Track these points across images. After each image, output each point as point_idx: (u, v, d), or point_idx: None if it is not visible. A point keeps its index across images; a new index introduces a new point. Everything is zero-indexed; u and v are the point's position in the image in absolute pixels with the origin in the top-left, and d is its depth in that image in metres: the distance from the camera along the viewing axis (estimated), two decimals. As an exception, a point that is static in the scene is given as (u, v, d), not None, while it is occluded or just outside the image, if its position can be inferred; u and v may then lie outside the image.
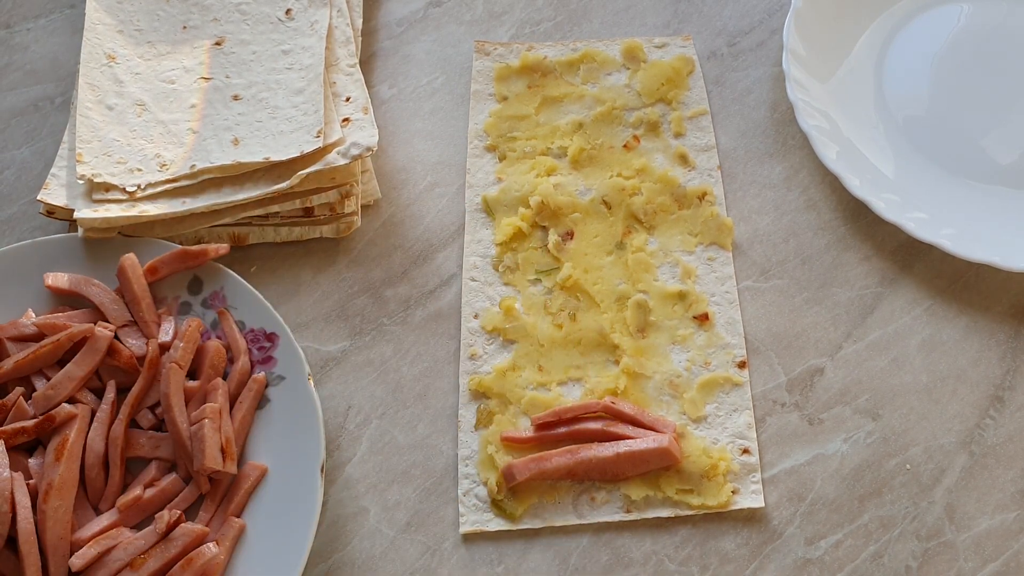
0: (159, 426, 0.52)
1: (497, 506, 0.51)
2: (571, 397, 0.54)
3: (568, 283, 0.57)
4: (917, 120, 0.62)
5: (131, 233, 0.57)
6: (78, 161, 0.57)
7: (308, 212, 0.58)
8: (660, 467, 0.51)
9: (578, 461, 0.51)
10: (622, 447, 0.51)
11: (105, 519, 0.50)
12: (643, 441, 0.51)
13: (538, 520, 0.51)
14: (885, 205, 0.56)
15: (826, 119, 0.60)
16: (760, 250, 0.59)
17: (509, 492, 0.51)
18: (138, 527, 0.50)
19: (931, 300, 0.57)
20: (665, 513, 0.51)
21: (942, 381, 0.54)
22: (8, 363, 0.52)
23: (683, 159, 0.61)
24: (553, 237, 0.58)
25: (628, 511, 0.51)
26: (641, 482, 0.51)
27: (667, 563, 0.50)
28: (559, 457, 0.51)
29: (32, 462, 0.50)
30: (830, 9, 0.64)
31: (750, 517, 0.51)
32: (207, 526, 0.50)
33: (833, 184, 0.60)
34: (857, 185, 0.57)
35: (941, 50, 0.65)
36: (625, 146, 0.62)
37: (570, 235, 0.59)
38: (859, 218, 0.59)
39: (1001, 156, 0.61)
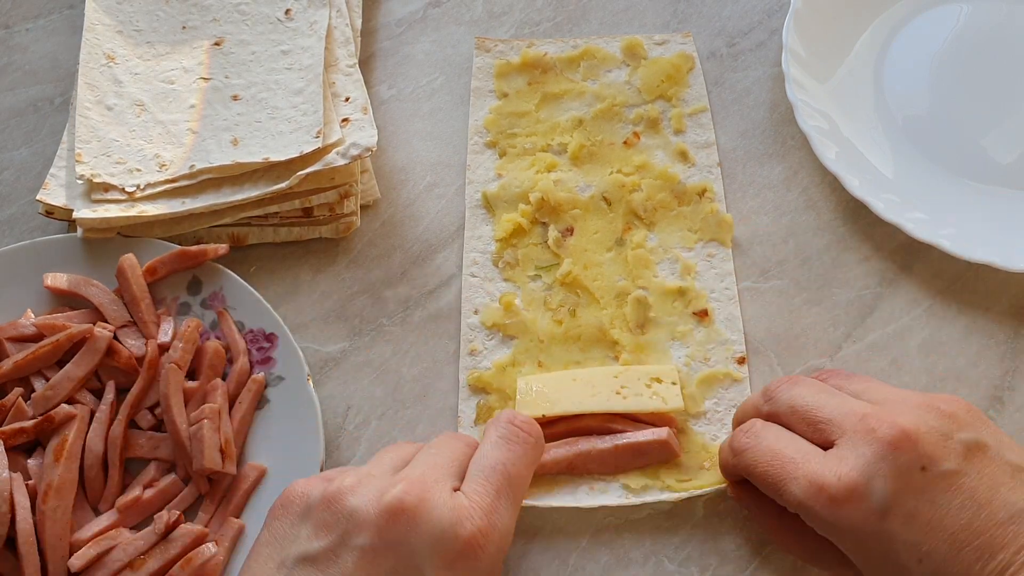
0: (158, 426, 0.52)
1: None
2: (570, 397, 0.54)
3: (568, 279, 0.57)
4: (917, 120, 0.62)
5: (130, 233, 0.57)
6: (77, 161, 0.57)
7: (307, 212, 0.58)
8: (659, 461, 0.51)
9: (577, 453, 0.51)
10: (621, 440, 0.51)
11: (104, 520, 0.50)
12: (642, 434, 0.51)
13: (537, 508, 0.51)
14: (884, 205, 0.56)
15: (826, 119, 0.60)
16: (759, 250, 0.59)
17: None
18: (137, 527, 0.50)
19: (931, 300, 0.57)
20: (665, 497, 0.50)
21: (941, 382, 0.54)
22: (7, 363, 0.52)
23: (683, 156, 0.61)
24: (553, 233, 0.58)
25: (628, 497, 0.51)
26: (640, 474, 0.51)
27: (667, 563, 0.50)
28: (557, 449, 0.51)
29: (31, 463, 0.51)
30: (830, 9, 0.64)
31: (750, 517, 0.51)
32: (206, 526, 0.50)
33: (832, 184, 0.60)
34: (856, 185, 0.57)
35: (941, 50, 0.65)
36: (625, 143, 0.62)
37: (570, 231, 0.59)
38: (858, 218, 0.59)
39: (1001, 156, 0.61)
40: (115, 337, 0.53)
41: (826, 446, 0.42)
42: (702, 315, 0.56)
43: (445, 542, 0.37)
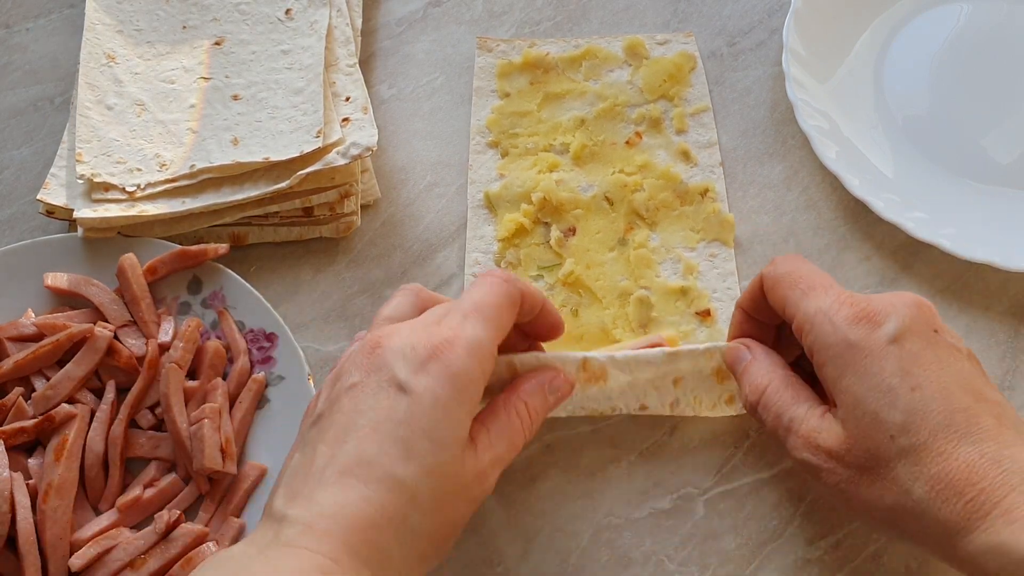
0: (159, 426, 0.52)
1: None
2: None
3: (570, 279, 0.57)
4: (917, 120, 0.62)
5: (131, 233, 0.57)
6: (78, 161, 0.57)
7: (308, 212, 0.58)
8: None
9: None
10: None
11: (105, 519, 0.50)
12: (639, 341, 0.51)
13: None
14: (885, 205, 0.56)
15: (826, 119, 0.60)
16: (760, 250, 0.59)
17: None
18: (138, 527, 0.50)
19: (931, 300, 0.56)
20: (665, 337, 0.51)
21: (942, 381, 0.54)
22: (8, 363, 0.52)
23: (685, 155, 0.61)
24: (555, 233, 0.59)
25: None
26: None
27: (667, 563, 0.50)
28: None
29: (32, 462, 0.50)
30: (830, 9, 0.64)
31: (751, 516, 0.51)
32: (207, 526, 0.50)
33: (833, 184, 0.60)
34: (857, 185, 0.57)
35: (941, 50, 0.65)
36: (627, 142, 0.62)
37: (572, 231, 0.59)
38: (859, 218, 0.59)
39: (1001, 156, 0.61)
40: (115, 337, 0.53)
41: None
42: (704, 315, 0.56)
43: (415, 351, 0.41)
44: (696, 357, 0.49)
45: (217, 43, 0.63)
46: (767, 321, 0.48)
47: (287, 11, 0.63)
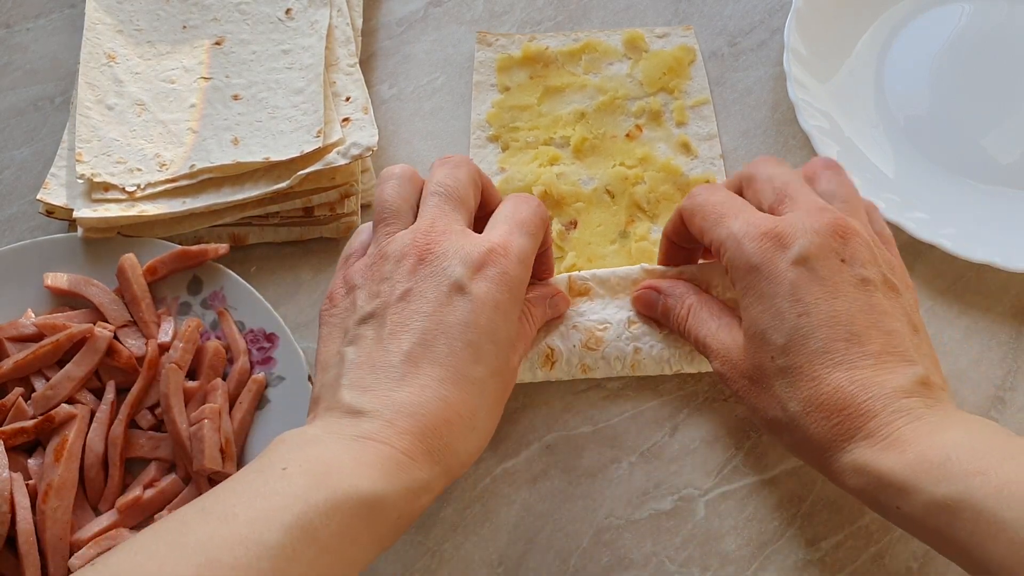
0: (159, 426, 0.52)
1: None
2: (571, 397, 0.54)
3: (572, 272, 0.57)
4: (918, 120, 0.62)
5: (131, 233, 0.57)
6: (78, 161, 0.57)
7: (308, 212, 0.58)
8: None
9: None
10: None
11: (105, 519, 0.50)
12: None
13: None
14: (885, 205, 0.56)
15: (827, 119, 0.60)
16: (761, 250, 0.59)
17: None
18: (138, 527, 0.50)
19: (932, 301, 0.57)
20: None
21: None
22: (8, 363, 0.52)
23: (685, 148, 0.61)
24: (557, 226, 0.58)
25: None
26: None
27: (667, 564, 0.50)
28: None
29: (31, 462, 0.50)
30: (831, 9, 0.64)
31: (752, 517, 0.51)
32: (207, 526, 0.50)
33: (834, 184, 0.60)
34: (857, 185, 0.57)
35: (942, 50, 0.65)
36: (627, 135, 0.62)
37: (573, 224, 0.59)
38: (860, 218, 0.59)
39: (1001, 156, 0.61)
40: (115, 337, 0.53)
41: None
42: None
43: (470, 256, 0.43)
44: (672, 273, 0.52)
45: (217, 43, 0.63)
46: (692, 246, 0.51)
47: (287, 11, 0.63)
